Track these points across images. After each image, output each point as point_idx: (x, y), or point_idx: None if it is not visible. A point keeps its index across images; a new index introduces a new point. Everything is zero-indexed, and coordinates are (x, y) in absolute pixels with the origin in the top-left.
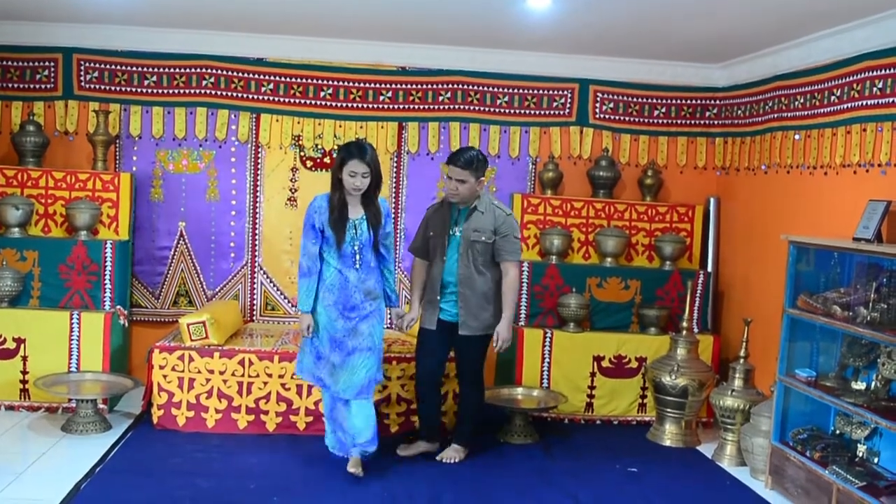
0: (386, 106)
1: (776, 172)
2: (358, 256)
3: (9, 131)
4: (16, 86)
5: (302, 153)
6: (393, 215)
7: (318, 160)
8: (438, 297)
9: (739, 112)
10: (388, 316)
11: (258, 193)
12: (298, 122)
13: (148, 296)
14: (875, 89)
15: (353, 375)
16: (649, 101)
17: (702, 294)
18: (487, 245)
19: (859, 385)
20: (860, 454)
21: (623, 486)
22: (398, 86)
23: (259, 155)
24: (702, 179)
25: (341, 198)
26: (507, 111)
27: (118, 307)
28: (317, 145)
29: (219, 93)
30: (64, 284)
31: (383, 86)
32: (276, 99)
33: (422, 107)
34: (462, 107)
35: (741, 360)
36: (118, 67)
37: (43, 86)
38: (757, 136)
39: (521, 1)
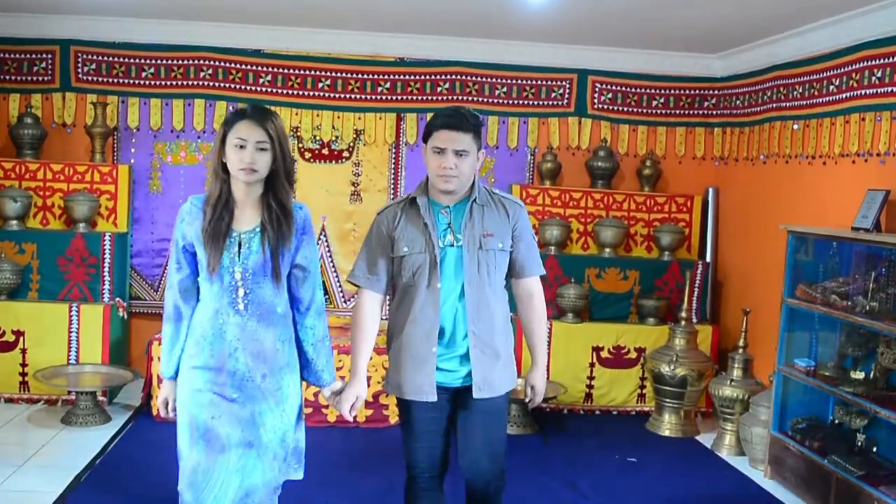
0: (384, 97)
1: (775, 162)
2: (242, 291)
3: (6, 124)
4: (13, 78)
5: (300, 144)
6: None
7: (317, 151)
8: (434, 350)
9: (738, 102)
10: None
11: None
12: (297, 114)
13: (147, 288)
14: (874, 78)
15: (226, 486)
16: (648, 91)
17: (700, 284)
18: (504, 255)
19: (858, 374)
20: (859, 443)
21: (622, 476)
22: (396, 77)
23: None
24: (700, 169)
25: (223, 195)
26: (505, 102)
27: (117, 299)
28: (315, 136)
29: (217, 84)
30: (63, 277)
31: (382, 77)
32: (274, 90)
33: (420, 98)
34: (461, 97)
35: (740, 350)
36: (116, 59)
37: (40, 78)
38: (755, 125)
39: None
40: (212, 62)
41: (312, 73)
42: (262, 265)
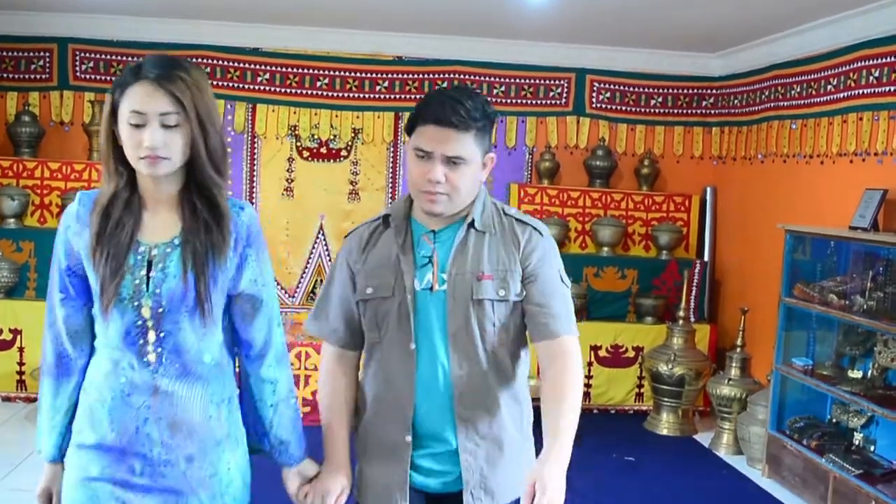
0: (382, 96)
1: (772, 161)
2: (153, 335)
3: (4, 122)
4: (11, 76)
5: (298, 143)
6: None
7: (315, 150)
8: (408, 438)
9: (736, 101)
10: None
11: (254, 184)
12: (294, 113)
13: None
14: (871, 78)
15: None
16: (646, 90)
17: (698, 283)
18: (508, 307)
19: (856, 373)
20: (857, 442)
21: (620, 475)
22: (395, 75)
23: (255, 145)
24: (698, 169)
25: (121, 194)
26: (503, 101)
27: None
28: (313, 135)
29: (214, 83)
30: None
31: (380, 75)
32: (272, 89)
33: (419, 97)
34: None
35: (738, 349)
36: (113, 58)
37: (38, 76)
38: (753, 125)
39: None
40: (210, 60)
41: (311, 71)
42: (181, 294)
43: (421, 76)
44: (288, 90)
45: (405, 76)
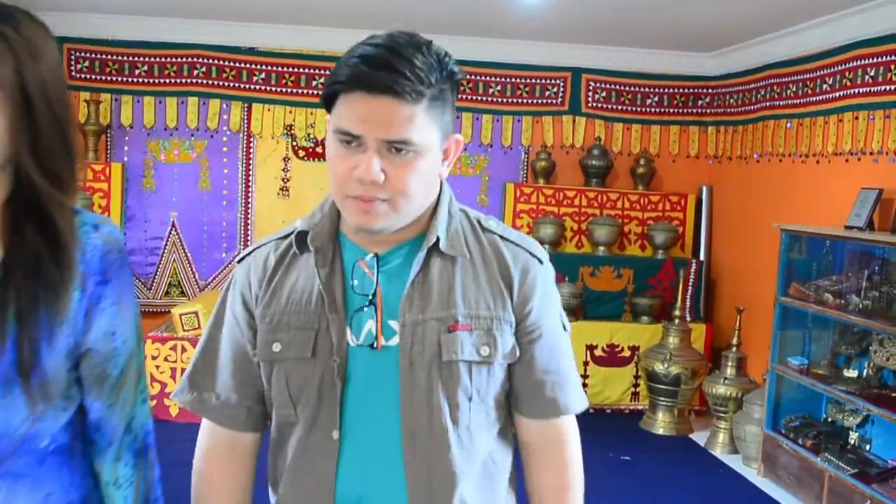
0: None
1: (768, 161)
2: None
3: None
4: None
5: (294, 143)
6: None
7: (311, 150)
8: None
9: (732, 101)
10: None
11: (250, 183)
12: (290, 112)
13: (140, 286)
14: (867, 77)
15: None
16: (642, 89)
17: (694, 283)
18: (492, 372)
19: (851, 373)
20: (852, 441)
21: (616, 475)
22: None
23: (251, 144)
24: (694, 168)
25: None
26: (499, 100)
27: None
28: (309, 135)
29: (210, 82)
30: None
31: None
32: (268, 88)
33: None
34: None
35: (733, 349)
36: (109, 57)
37: None
38: (749, 124)
39: None
40: (205, 60)
41: (307, 71)
42: (10, 359)
43: None
44: (284, 90)
45: None
